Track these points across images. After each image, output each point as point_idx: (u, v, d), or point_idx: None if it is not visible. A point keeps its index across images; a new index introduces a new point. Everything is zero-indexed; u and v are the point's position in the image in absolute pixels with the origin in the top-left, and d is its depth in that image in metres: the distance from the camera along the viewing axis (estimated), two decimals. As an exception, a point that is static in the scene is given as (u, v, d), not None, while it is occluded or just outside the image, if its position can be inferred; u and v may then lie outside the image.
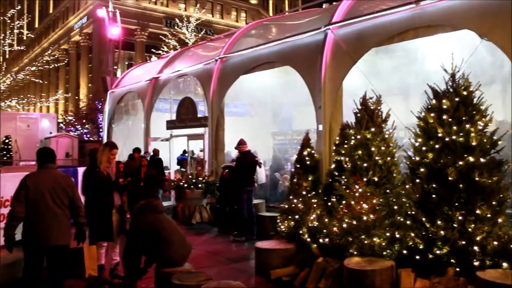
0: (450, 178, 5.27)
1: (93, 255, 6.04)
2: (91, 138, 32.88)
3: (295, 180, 7.62)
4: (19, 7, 43.96)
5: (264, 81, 12.47)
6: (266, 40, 11.25)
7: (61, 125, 36.23)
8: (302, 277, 6.33)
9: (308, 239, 6.80)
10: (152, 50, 39.04)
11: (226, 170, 10.50)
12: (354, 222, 5.87)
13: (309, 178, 7.60)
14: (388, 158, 6.37)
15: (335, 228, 6.14)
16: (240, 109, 14.61)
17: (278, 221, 7.71)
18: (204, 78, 12.92)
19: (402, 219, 5.73)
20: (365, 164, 6.27)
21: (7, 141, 23.92)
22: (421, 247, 5.32)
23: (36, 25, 64.66)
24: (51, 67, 42.27)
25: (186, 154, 14.01)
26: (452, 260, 5.11)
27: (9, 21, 35.79)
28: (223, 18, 56.13)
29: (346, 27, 8.88)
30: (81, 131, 35.45)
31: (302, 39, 9.80)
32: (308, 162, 7.84)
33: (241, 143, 9.92)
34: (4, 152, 23.78)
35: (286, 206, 7.50)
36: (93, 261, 6.00)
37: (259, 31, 12.97)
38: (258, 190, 11.15)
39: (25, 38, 54.50)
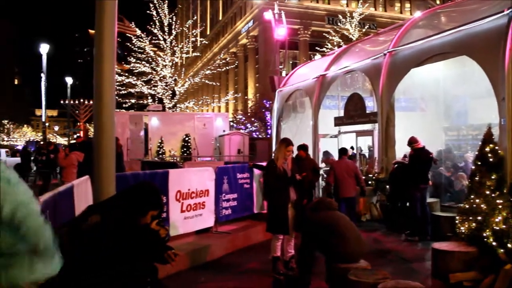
0: None
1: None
2: (259, 136, 34.34)
3: (476, 178, 7.08)
4: (195, 17, 47.92)
5: (437, 74, 11.85)
6: (438, 30, 10.60)
7: (232, 123, 38.44)
8: (487, 284, 5.87)
9: (493, 243, 6.27)
10: (316, 48, 39.52)
11: (395, 166, 10.23)
12: (552, 227, 5.28)
13: (493, 177, 7.00)
14: None
15: (526, 233, 5.59)
16: (410, 104, 14.01)
17: (457, 221, 7.25)
18: (373, 73, 12.67)
19: None
20: None
21: (187, 138, 26.18)
22: None
23: (208, 32, 69.80)
24: (222, 70, 45.28)
25: (354, 151, 13.91)
26: None
27: (186, 30, 39.33)
28: (386, 11, 54.27)
29: (535, 7, 7.96)
30: (251, 128, 37.24)
31: (480, 25, 8.99)
32: (491, 159, 7.20)
33: (412, 141, 9.56)
34: (185, 149, 26.11)
35: (467, 206, 7.00)
36: None
37: (429, 21, 12.27)
38: (432, 188, 10.65)
39: (199, 44, 59.32)
